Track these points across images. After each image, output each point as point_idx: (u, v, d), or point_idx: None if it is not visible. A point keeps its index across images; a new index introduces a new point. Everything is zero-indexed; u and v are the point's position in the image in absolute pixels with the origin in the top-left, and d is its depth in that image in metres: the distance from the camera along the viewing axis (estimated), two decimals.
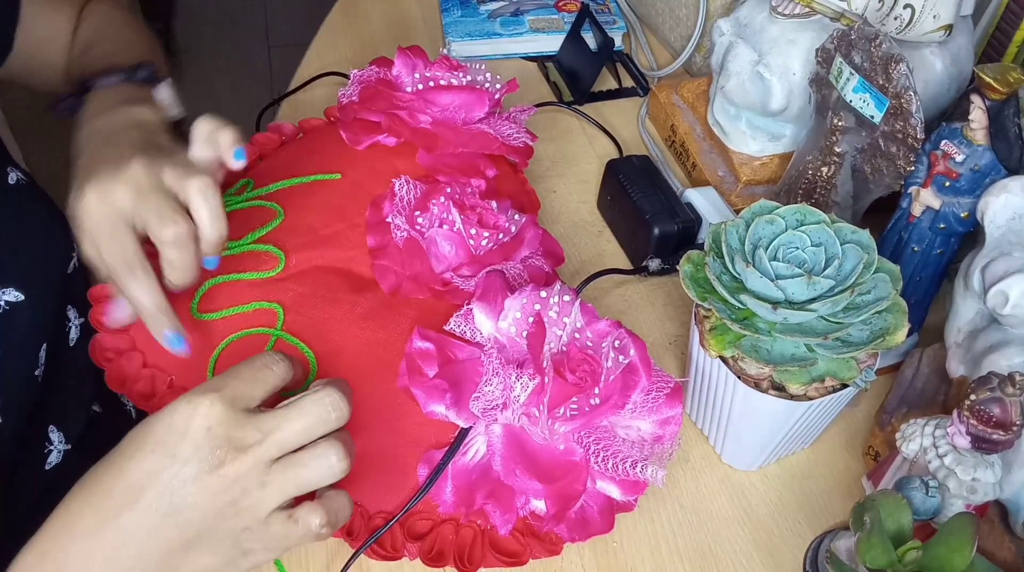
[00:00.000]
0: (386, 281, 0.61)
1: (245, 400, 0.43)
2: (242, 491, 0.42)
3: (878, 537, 0.45)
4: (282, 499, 0.43)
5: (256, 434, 0.42)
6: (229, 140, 0.54)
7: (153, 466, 0.41)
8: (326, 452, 0.43)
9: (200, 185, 0.52)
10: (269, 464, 0.42)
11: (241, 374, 0.44)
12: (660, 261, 0.70)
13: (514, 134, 0.71)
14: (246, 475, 0.42)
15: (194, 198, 0.52)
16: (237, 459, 0.41)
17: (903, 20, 0.62)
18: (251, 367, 0.44)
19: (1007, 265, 0.53)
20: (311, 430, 0.43)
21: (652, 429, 0.52)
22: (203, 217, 0.52)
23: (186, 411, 0.42)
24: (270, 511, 0.43)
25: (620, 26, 0.95)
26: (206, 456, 0.41)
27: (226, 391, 0.42)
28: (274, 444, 0.42)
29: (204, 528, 0.42)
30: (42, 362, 0.61)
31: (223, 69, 2.38)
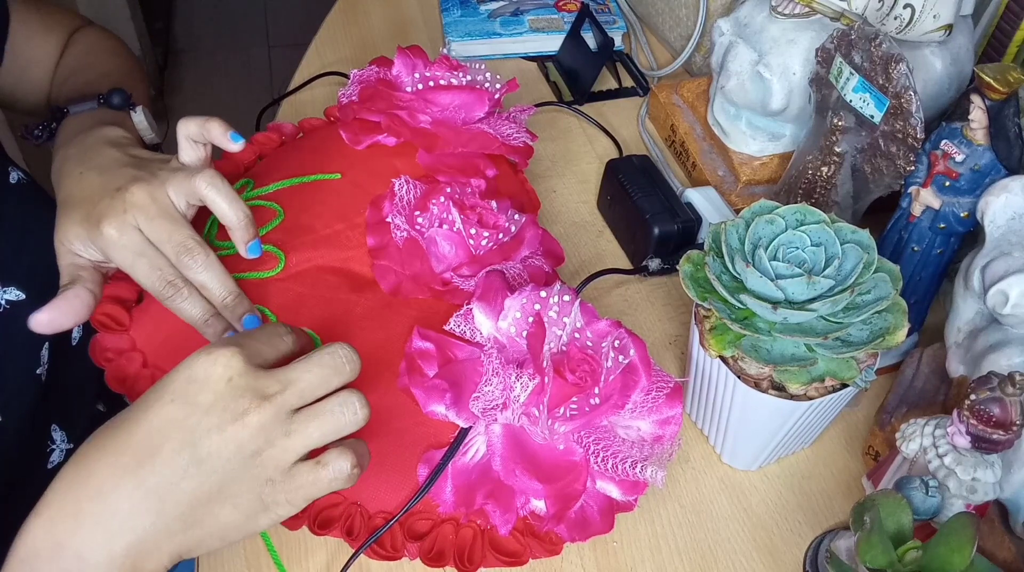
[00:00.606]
0: (386, 281, 0.61)
1: (261, 358, 0.43)
2: (266, 440, 0.41)
3: (878, 537, 0.45)
4: (306, 448, 0.42)
5: (277, 384, 0.42)
6: (220, 128, 0.56)
7: (173, 416, 0.41)
8: (348, 399, 0.43)
9: (206, 179, 0.53)
10: (291, 413, 0.42)
11: (256, 335, 0.45)
12: (660, 261, 0.70)
13: (514, 134, 0.71)
14: (270, 424, 0.41)
15: (206, 193, 0.53)
16: (261, 407, 0.41)
17: (903, 20, 0.62)
18: (264, 332, 0.45)
19: (1007, 265, 0.53)
20: (329, 380, 0.43)
21: (652, 429, 0.52)
22: (222, 208, 0.54)
23: (206, 361, 0.41)
24: (294, 460, 0.42)
25: (620, 26, 0.95)
26: (229, 405, 0.41)
27: (245, 347, 0.42)
28: (295, 393, 0.42)
29: (227, 480, 0.41)
30: (44, 361, 0.61)
31: (223, 69, 2.39)
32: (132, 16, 2.07)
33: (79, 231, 0.53)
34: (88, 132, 0.59)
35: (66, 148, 0.58)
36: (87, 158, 0.56)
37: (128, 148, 0.58)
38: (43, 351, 0.61)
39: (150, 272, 0.52)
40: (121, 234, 0.52)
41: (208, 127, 0.55)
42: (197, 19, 2.56)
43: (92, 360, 0.57)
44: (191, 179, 0.53)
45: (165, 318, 0.58)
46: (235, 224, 0.54)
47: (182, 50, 2.45)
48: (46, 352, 0.61)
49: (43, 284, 0.61)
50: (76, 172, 0.55)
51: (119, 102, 0.63)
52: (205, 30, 2.53)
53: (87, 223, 0.52)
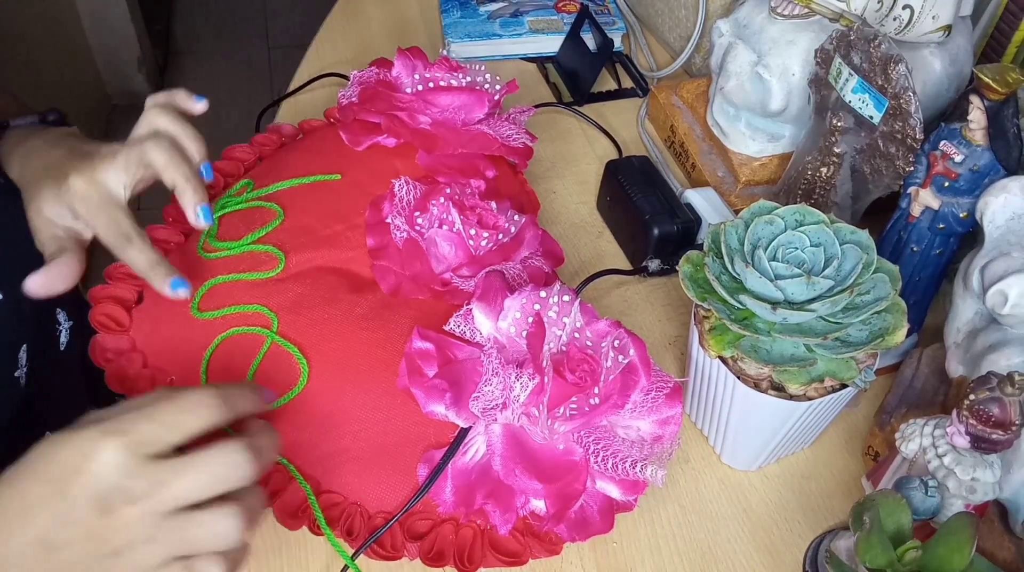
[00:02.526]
0: (386, 281, 0.61)
1: (153, 445, 0.41)
2: (127, 542, 0.40)
3: (877, 537, 0.45)
4: (170, 556, 0.41)
5: (148, 486, 0.40)
6: (183, 94, 0.58)
7: (41, 496, 0.40)
8: (223, 518, 0.41)
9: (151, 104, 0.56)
10: (160, 517, 0.40)
11: (158, 416, 0.42)
12: (660, 261, 0.70)
13: (514, 135, 0.71)
14: (133, 526, 0.40)
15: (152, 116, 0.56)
16: (125, 509, 0.40)
17: (902, 21, 0.62)
18: (174, 409, 0.42)
19: (1006, 265, 0.53)
20: (210, 488, 0.41)
21: (652, 429, 0.52)
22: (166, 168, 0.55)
23: (85, 450, 0.40)
24: (156, 565, 0.41)
25: (619, 27, 0.95)
26: (93, 501, 0.40)
27: (132, 436, 0.40)
28: (167, 499, 0.40)
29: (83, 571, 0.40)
30: (23, 364, 0.61)
31: (223, 69, 2.39)
32: (132, 17, 2.07)
33: (49, 195, 0.53)
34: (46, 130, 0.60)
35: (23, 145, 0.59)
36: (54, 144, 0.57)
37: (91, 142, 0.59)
38: (20, 353, 0.61)
39: (109, 225, 0.53)
40: (88, 186, 0.53)
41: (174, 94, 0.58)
42: (197, 20, 2.56)
43: (85, 365, 0.57)
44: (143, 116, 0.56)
45: (165, 318, 0.58)
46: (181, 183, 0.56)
47: (182, 51, 2.45)
48: (24, 354, 0.61)
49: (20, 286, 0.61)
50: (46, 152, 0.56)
51: (56, 119, 0.65)
52: (205, 31, 2.53)
53: (56, 182, 0.53)
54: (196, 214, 0.56)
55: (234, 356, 0.56)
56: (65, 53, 1.93)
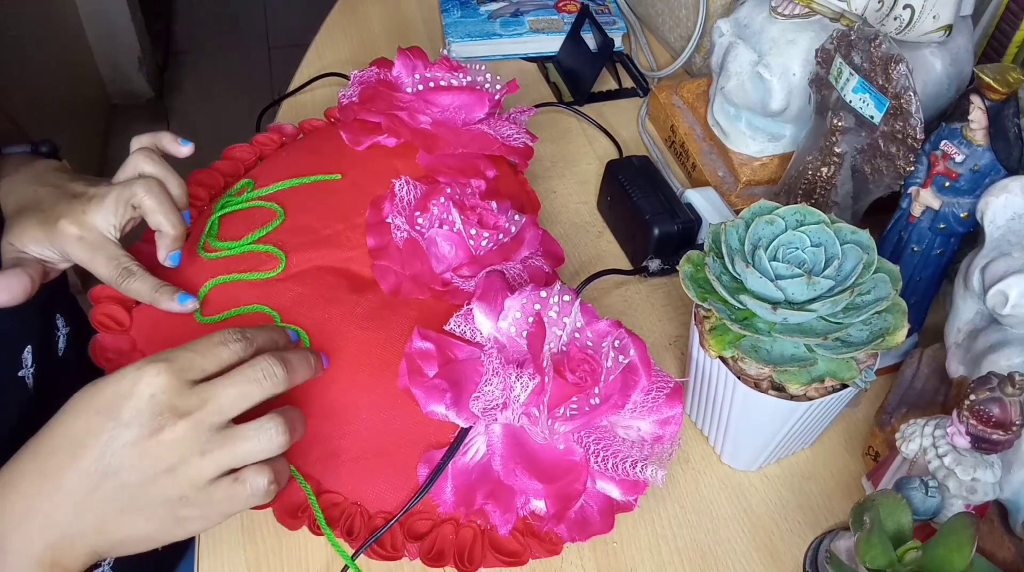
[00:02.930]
0: (386, 281, 0.61)
1: (195, 371, 0.44)
2: (180, 458, 0.42)
3: (878, 537, 0.45)
4: (220, 468, 0.43)
5: (196, 400, 0.43)
6: (169, 137, 0.59)
7: (96, 426, 0.42)
8: (266, 425, 0.44)
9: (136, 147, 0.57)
10: (210, 432, 0.43)
11: (196, 347, 0.45)
12: (660, 261, 0.70)
13: (514, 135, 0.71)
14: (185, 442, 0.42)
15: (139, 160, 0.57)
16: (176, 424, 0.42)
17: (903, 20, 0.62)
18: (208, 341, 0.45)
19: (1007, 265, 0.53)
20: (248, 394, 0.44)
21: (652, 429, 0.52)
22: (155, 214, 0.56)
23: (133, 376, 0.43)
24: (209, 479, 0.43)
25: (620, 26, 0.95)
26: (146, 421, 0.42)
27: (176, 361, 0.43)
28: (213, 411, 0.43)
29: (140, 492, 0.43)
30: (28, 365, 0.61)
31: (223, 69, 2.39)
32: (132, 17, 2.07)
33: (36, 234, 0.54)
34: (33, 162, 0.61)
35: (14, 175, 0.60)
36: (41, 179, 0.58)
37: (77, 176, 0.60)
38: (25, 354, 0.61)
39: (107, 263, 0.55)
40: (81, 230, 0.54)
41: (159, 137, 0.59)
42: (197, 20, 2.56)
43: (82, 371, 0.57)
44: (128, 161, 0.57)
45: (165, 318, 0.58)
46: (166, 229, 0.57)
47: (182, 51, 2.45)
48: (29, 355, 0.61)
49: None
50: (31, 189, 0.57)
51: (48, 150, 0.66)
52: (205, 31, 2.53)
53: (45, 225, 0.54)
54: (167, 258, 0.57)
55: None
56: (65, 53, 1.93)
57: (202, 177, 0.68)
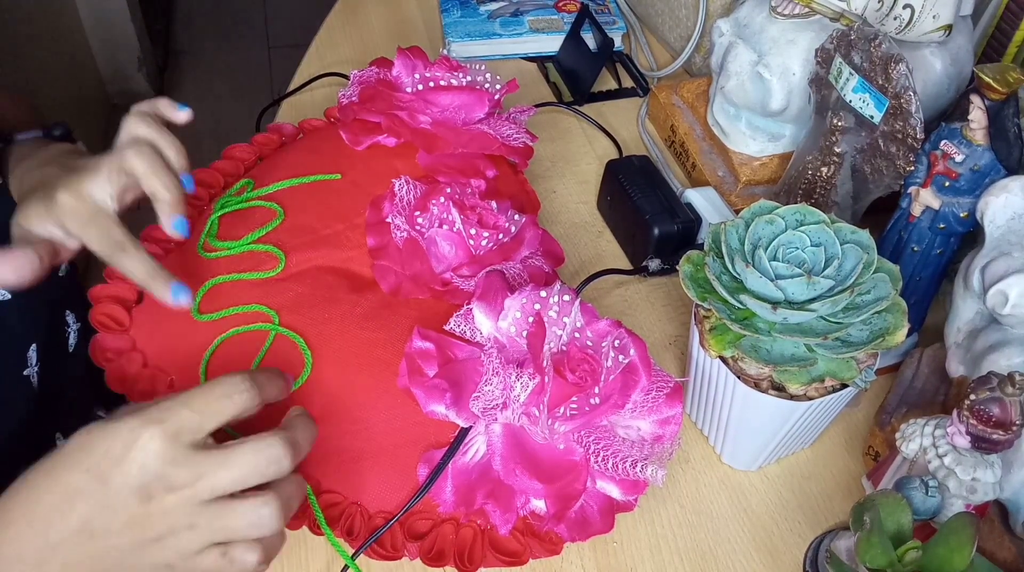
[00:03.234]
0: (386, 281, 0.61)
1: (191, 432, 0.42)
2: (168, 529, 0.41)
3: (878, 537, 0.45)
4: (208, 542, 0.42)
5: (189, 475, 0.41)
6: (166, 102, 0.58)
7: (84, 486, 0.41)
8: (260, 507, 0.42)
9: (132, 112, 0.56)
10: (200, 505, 0.41)
11: (195, 404, 0.43)
12: (660, 261, 0.70)
13: (514, 134, 0.71)
14: (173, 513, 0.41)
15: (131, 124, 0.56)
16: (166, 497, 0.41)
17: (902, 20, 0.62)
18: (209, 396, 0.43)
19: (1007, 265, 0.53)
20: (246, 480, 0.42)
21: (652, 429, 0.52)
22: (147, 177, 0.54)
23: (127, 440, 0.41)
24: (195, 550, 0.42)
25: (620, 26, 0.95)
26: (135, 489, 0.41)
27: (171, 423, 0.41)
28: (206, 488, 0.41)
29: (125, 557, 0.42)
30: (33, 363, 0.61)
31: (223, 69, 2.39)
32: (132, 17, 2.07)
33: (38, 209, 0.53)
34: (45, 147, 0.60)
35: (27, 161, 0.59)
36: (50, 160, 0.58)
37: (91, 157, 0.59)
38: (30, 352, 0.61)
39: (100, 237, 0.53)
40: (76, 200, 0.52)
41: (156, 103, 0.58)
42: (197, 20, 2.57)
43: (88, 366, 0.57)
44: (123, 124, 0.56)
45: (165, 318, 0.58)
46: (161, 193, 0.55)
47: (182, 51, 2.45)
48: (34, 353, 0.61)
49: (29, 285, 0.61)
50: (39, 173, 0.57)
51: (61, 134, 0.65)
52: (205, 31, 2.53)
53: (46, 200, 0.53)
54: (171, 225, 0.54)
55: (234, 355, 0.56)
56: (65, 53, 1.93)
57: (202, 177, 0.68)
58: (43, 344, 0.62)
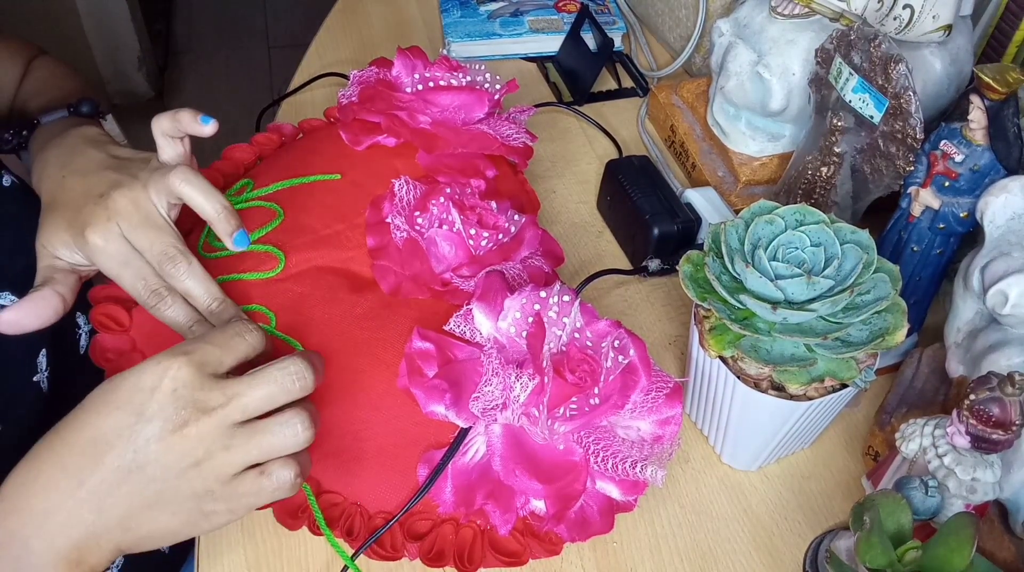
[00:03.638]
0: (386, 281, 0.61)
1: (214, 365, 0.44)
2: (205, 452, 0.42)
3: (878, 537, 0.45)
4: (245, 463, 0.43)
5: (221, 397, 0.43)
6: (188, 116, 0.56)
7: (118, 423, 0.42)
8: (291, 420, 0.44)
9: (180, 176, 0.53)
10: (233, 427, 0.43)
11: (214, 339, 0.45)
12: (660, 261, 0.70)
13: (514, 134, 0.71)
14: (209, 436, 0.42)
15: (181, 189, 0.53)
16: (201, 420, 0.42)
17: (902, 20, 0.62)
18: (224, 334, 0.45)
19: (1007, 265, 0.53)
20: (274, 397, 0.44)
21: (652, 429, 0.52)
22: (199, 201, 0.54)
23: (155, 371, 0.42)
24: (233, 473, 0.43)
25: (620, 26, 0.95)
26: (171, 416, 0.42)
27: (196, 354, 0.43)
28: (238, 408, 0.43)
29: (166, 487, 0.43)
30: (43, 369, 0.61)
31: (223, 69, 2.39)
32: (132, 17, 2.07)
33: (64, 237, 0.53)
34: (64, 133, 0.59)
35: (44, 152, 0.58)
36: (68, 161, 0.57)
37: (108, 147, 0.58)
38: (40, 357, 0.61)
39: (135, 281, 0.53)
40: (107, 242, 0.52)
41: (178, 118, 0.56)
42: (197, 20, 2.56)
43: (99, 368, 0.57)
44: (166, 178, 0.53)
45: None
46: (213, 217, 0.55)
47: (182, 51, 2.45)
48: (44, 358, 0.61)
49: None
50: (58, 176, 0.56)
51: (88, 110, 0.64)
52: (205, 31, 2.53)
53: (72, 230, 0.53)
54: (232, 243, 0.56)
55: None
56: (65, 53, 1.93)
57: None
58: (53, 348, 0.62)
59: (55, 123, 0.62)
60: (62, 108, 0.63)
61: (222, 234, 0.55)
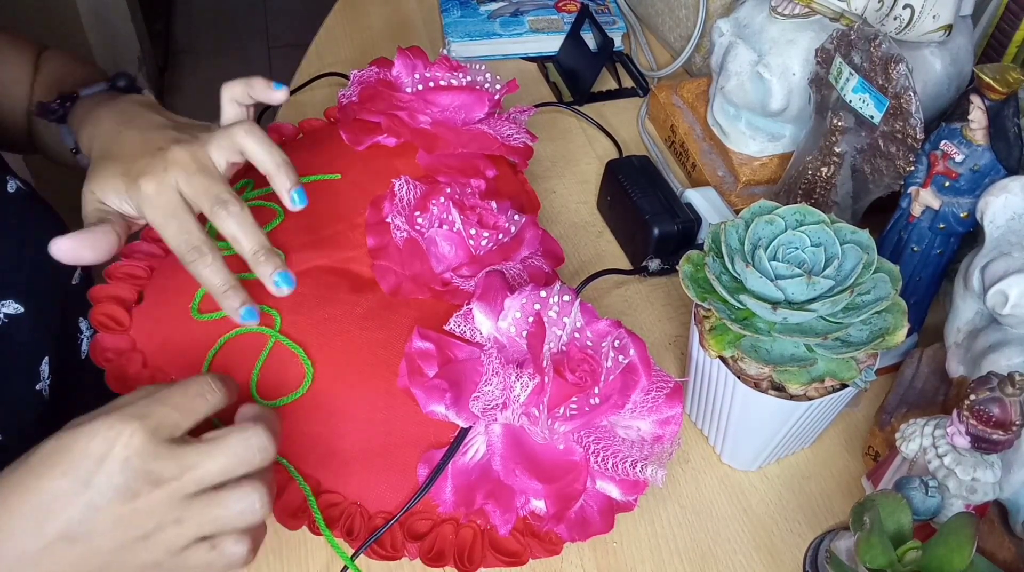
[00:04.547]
0: (386, 281, 0.61)
1: (169, 429, 0.41)
2: (155, 525, 0.41)
3: (878, 537, 0.45)
4: (196, 536, 0.42)
5: (175, 468, 0.41)
6: (262, 82, 0.56)
7: (63, 490, 0.40)
8: (249, 495, 0.42)
9: (244, 127, 0.53)
10: (187, 499, 0.41)
11: (171, 400, 0.42)
12: (660, 261, 0.70)
13: (514, 134, 0.71)
14: (160, 509, 0.40)
15: (244, 142, 0.53)
16: (152, 492, 0.40)
17: (902, 20, 0.62)
18: (184, 393, 0.43)
19: (1007, 265, 0.53)
20: (233, 470, 0.42)
21: (652, 429, 0.52)
22: (260, 155, 0.54)
23: (107, 437, 0.40)
24: (183, 545, 0.41)
25: (620, 26, 0.95)
26: (119, 486, 0.40)
27: (150, 420, 0.41)
28: (192, 480, 0.41)
29: (112, 559, 0.41)
30: (45, 377, 0.60)
31: (223, 69, 2.38)
32: (132, 17, 2.07)
33: (117, 184, 0.52)
34: (116, 100, 0.59)
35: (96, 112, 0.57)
36: (127, 119, 0.56)
37: (166, 112, 0.58)
38: (43, 366, 0.60)
39: (179, 234, 0.52)
40: (159, 192, 0.51)
41: (251, 83, 0.56)
42: (197, 20, 2.57)
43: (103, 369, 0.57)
44: (227, 134, 0.53)
45: (165, 318, 0.58)
46: (272, 170, 0.54)
47: (182, 51, 2.45)
48: (46, 366, 0.61)
49: (42, 297, 0.60)
50: (115, 130, 0.55)
51: (126, 84, 0.63)
52: (205, 31, 2.53)
53: (126, 178, 0.52)
54: (290, 199, 0.55)
55: (236, 356, 0.56)
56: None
57: None
58: (55, 356, 0.62)
59: (96, 95, 0.62)
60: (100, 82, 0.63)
61: (280, 189, 0.55)
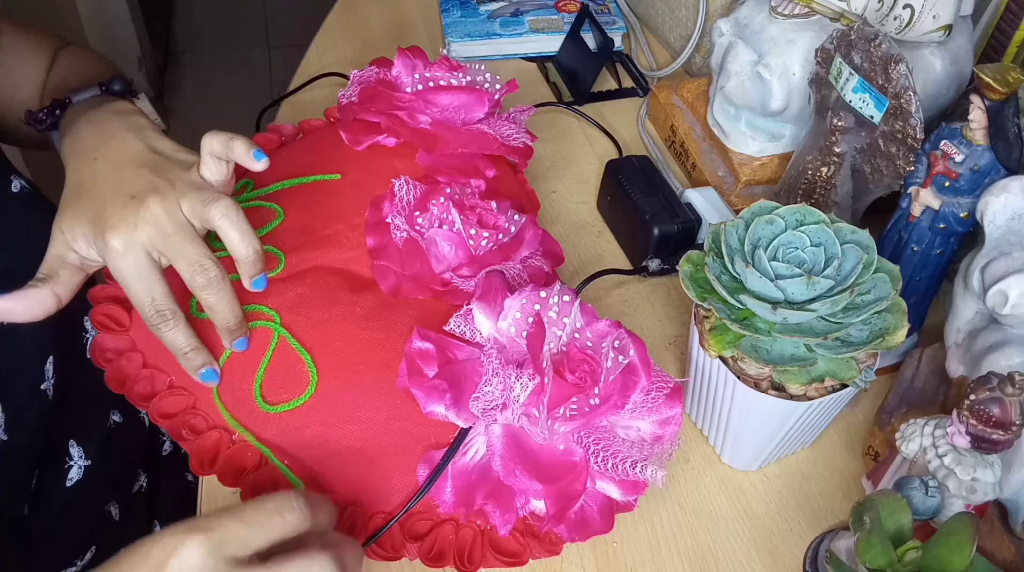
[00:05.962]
0: (386, 281, 0.61)
1: (237, 546, 0.40)
2: None
3: (878, 537, 0.45)
4: None
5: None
6: (243, 147, 0.53)
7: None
8: None
9: (222, 209, 0.51)
10: None
11: (246, 516, 0.41)
12: (660, 261, 0.70)
13: (514, 134, 0.71)
14: None
15: (219, 223, 0.51)
16: None
17: (902, 20, 0.62)
18: (260, 510, 0.41)
19: (1007, 265, 0.53)
20: None
21: (652, 429, 0.52)
22: (234, 239, 0.52)
23: (168, 546, 0.39)
24: None
25: (620, 26, 0.95)
26: None
27: (217, 533, 0.39)
28: None
29: None
30: (50, 376, 0.60)
31: (223, 69, 2.39)
32: (132, 17, 2.07)
33: (85, 230, 0.51)
34: (98, 109, 0.57)
35: (75, 126, 0.56)
36: (102, 142, 0.54)
37: (147, 134, 0.55)
38: (47, 365, 0.60)
39: (144, 296, 0.51)
40: (126, 251, 0.50)
41: (232, 145, 0.53)
42: (197, 20, 2.57)
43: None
44: (206, 207, 0.51)
45: None
46: (243, 259, 0.53)
47: (182, 51, 2.45)
48: (51, 366, 0.61)
49: None
50: (90, 157, 0.53)
51: (121, 88, 0.62)
52: (205, 31, 2.53)
53: (94, 226, 0.51)
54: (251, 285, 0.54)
55: (238, 358, 0.56)
56: None
57: None
58: (60, 355, 0.62)
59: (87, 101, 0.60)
60: (94, 86, 0.62)
61: (244, 275, 0.54)
